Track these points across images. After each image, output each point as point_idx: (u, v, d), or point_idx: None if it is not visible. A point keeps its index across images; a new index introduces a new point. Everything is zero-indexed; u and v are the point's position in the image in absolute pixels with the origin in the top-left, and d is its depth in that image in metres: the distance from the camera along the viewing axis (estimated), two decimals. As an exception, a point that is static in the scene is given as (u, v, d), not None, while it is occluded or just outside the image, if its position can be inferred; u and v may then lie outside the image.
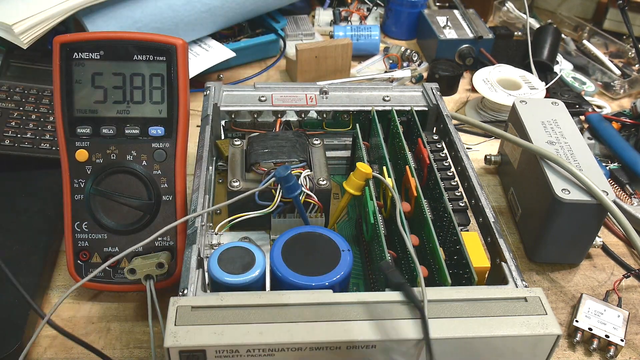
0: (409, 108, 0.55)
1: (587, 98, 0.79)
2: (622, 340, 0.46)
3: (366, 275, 0.48)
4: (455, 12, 0.91)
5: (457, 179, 0.48)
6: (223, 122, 0.56)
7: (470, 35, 0.84)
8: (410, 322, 0.34)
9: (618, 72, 0.84)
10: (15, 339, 0.42)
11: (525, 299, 0.36)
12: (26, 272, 0.47)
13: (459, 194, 0.46)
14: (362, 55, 0.86)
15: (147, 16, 0.69)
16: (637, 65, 0.86)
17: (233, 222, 0.46)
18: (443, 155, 0.51)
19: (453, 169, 0.50)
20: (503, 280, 0.38)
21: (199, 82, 0.73)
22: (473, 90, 0.78)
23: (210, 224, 0.48)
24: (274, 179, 0.44)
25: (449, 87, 0.80)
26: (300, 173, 0.47)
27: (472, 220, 0.46)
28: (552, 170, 0.51)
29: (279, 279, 0.39)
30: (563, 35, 0.90)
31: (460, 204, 0.45)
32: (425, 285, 0.35)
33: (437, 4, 0.99)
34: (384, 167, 0.47)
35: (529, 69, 0.79)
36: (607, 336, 0.46)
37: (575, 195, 0.48)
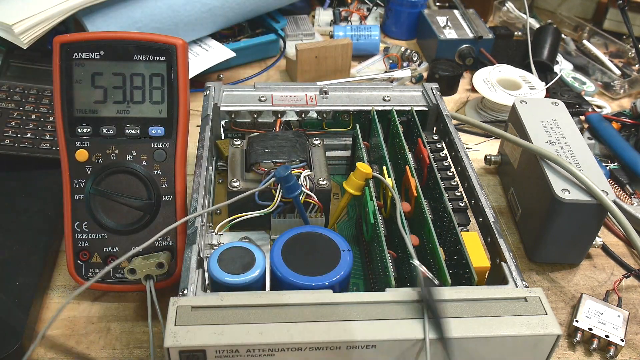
0: (409, 108, 0.55)
1: (587, 98, 0.79)
2: (622, 340, 0.46)
3: (366, 275, 0.48)
4: (455, 12, 0.91)
5: (457, 179, 0.48)
6: (223, 122, 0.56)
7: (470, 35, 0.84)
8: (410, 322, 0.34)
9: (618, 72, 0.84)
10: (15, 339, 0.42)
11: (525, 299, 0.36)
12: (26, 272, 0.47)
13: (459, 194, 0.46)
14: (362, 55, 0.86)
15: (147, 16, 0.69)
16: (637, 65, 0.86)
17: (233, 222, 0.46)
18: (443, 155, 0.51)
19: (453, 169, 0.50)
20: (503, 280, 0.38)
21: (199, 82, 0.73)
22: (473, 90, 0.78)
23: (210, 224, 0.48)
24: (274, 179, 0.44)
25: (449, 87, 0.80)
26: (300, 173, 0.47)
27: (472, 220, 0.46)
28: (552, 170, 0.51)
29: (279, 279, 0.39)
30: (563, 35, 0.90)
31: (460, 204, 0.45)
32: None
33: (437, 4, 0.99)
34: (384, 167, 0.47)
35: (529, 69, 0.79)
36: (607, 336, 0.46)
37: (575, 195, 0.48)
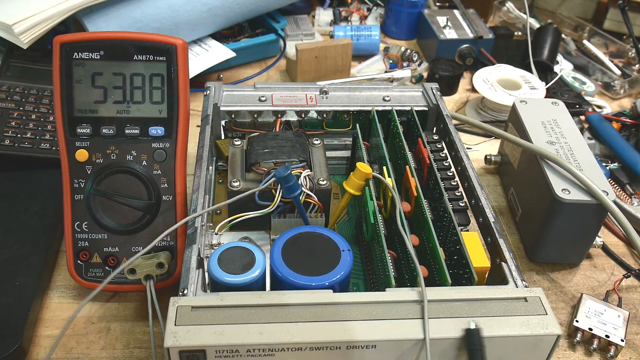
0: (409, 108, 0.55)
1: (587, 98, 0.79)
2: (622, 340, 0.46)
3: (366, 275, 0.48)
4: (455, 12, 0.91)
5: (457, 179, 0.48)
6: (223, 122, 0.56)
7: (470, 35, 0.84)
8: (410, 322, 0.34)
9: (618, 72, 0.84)
10: (15, 339, 0.42)
11: (525, 299, 0.36)
12: (26, 272, 0.47)
13: (459, 194, 0.46)
14: (362, 55, 0.86)
15: (147, 16, 0.69)
16: (637, 65, 0.86)
17: (233, 222, 0.46)
18: (443, 155, 0.51)
19: (453, 169, 0.50)
20: (503, 280, 0.38)
21: (199, 82, 0.73)
22: (473, 90, 0.78)
23: (210, 224, 0.48)
24: (274, 179, 0.44)
25: (449, 87, 0.80)
26: (300, 173, 0.47)
27: (472, 220, 0.46)
28: (552, 170, 0.51)
29: (279, 279, 0.39)
30: (563, 35, 0.90)
31: (460, 204, 0.45)
32: (425, 285, 0.35)
33: (437, 4, 0.99)
34: (384, 167, 0.47)
35: (529, 69, 0.79)
36: (607, 336, 0.46)
37: (575, 195, 0.48)
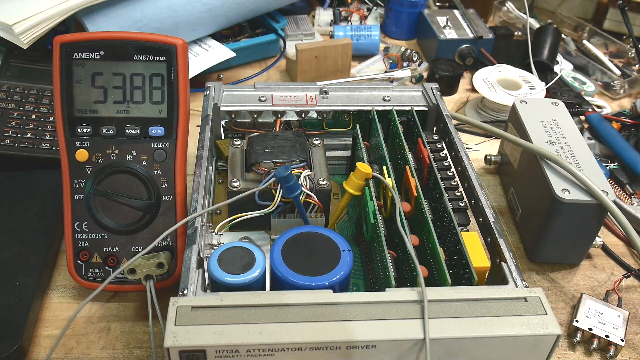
0: (409, 108, 0.55)
1: (587, 98, 0.79)
2: (622, 340, 0.46)
3: (366, 275, 0.48)
4: (455, 12, 0.91)
5: (457, 179, 0.48)
6: (223, 122, 0.56)
7: (470, 35, 0.84)
8: (410, 322, 0.34)
9: (618, 72, 0.84)
10: (15, 339, 0.42)
11: (525, 299, 0.36)
12: (26, 272, 0.47)
13: (459, 194, 0.46)
14: (362, 55, 0.86)
15: (147, 16, 0.69)
16: (637, 65, 0.86)
17: (233, 222, 0.46)
18: (443, 155, 0.51)
19: (453, 169, 0.50)
20: (503, 280, 0.38)
21: (199, 82, 0.73)
22: (473, 90, 0.78)
23: (210, 224, 0.48)
24: (274, 179, 0.44)
25: (449, 87, 0.80)
26: (300, 173, 0.47)
27: (472, 220, 0.46)
28: (552, 170, 0.51)
29: (279, 279, 0.39)
30: (563, 35, 0.90)
31: (460, 204, 0.45)
32: (425, 285, 0.35)
33: (437, 4, 0.99)
34: (384, 167, 0.47)
35: (529, 69, 0.79)
36: (607, 336, 0.46)
37: (575, 195, 0.48)
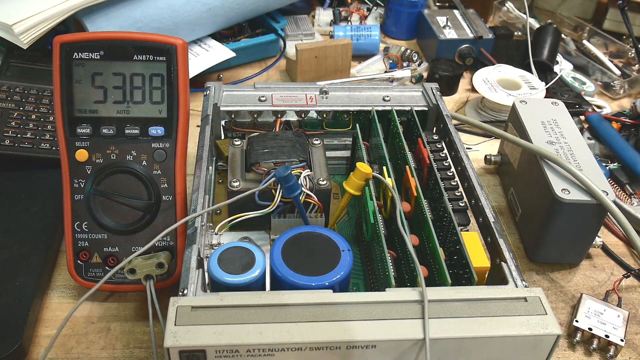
0: (409, 108, 0.55)
1: (587, 98, 0.79)
2: (622, 340, 0.46)
3: (366, 275, 0.48)
4: (455, 12, 0.91)
5: (457, 179, 0.48)
6: (223, 122, 0.56)
7: (470, 35, 0.84)
8: (410, 322, 0.34)
9: (618, 72, 0.84)
10: (15, 339, 0.42)
11: (525, 299, 0.36)
12: (26, 272, 0.47)
13: (459, 194, 0.46)
14: (362, 55, 0.86)
15: (147, 16, 0.69)
16: (637, 65, 0.86)
17: (233, 222, 0.46)
18: (443, 155, 0.51)
19: (453, 169, 0.50)
20: (503, 280, 0.38)
21: (199, 82, 0.73)
22: (473, 90, 0.78)
23: (210, 224, 0.48)
24: (274, 179, 0.44)
25: (449, 87, 0.80)
26: (300, 173, 0.47)
27: (472, 220, 0.46)
28: (552, 170, 0.51)
29: (279, 279, 0.39)
30: (563, 35, 0.90)
31: (460, 204, 0.45)
32: (425, 285, 0.35)
33: (437, 4, 0.99)
34: (384, 167, 0.47)
35: (529, 69, 0.79)
36: (607, 336, 0.46)
37: (575, 195, 0.48)
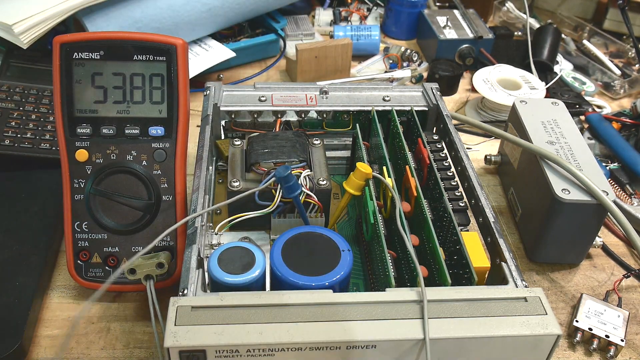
0: (409, 108, 0.55)
1: (587, 98, 0.79)
2: (622, 340, 0.46)
3: (366, 275, 0.48)
4: (455, 12, 0.91)
5: (457, 179, 0.48)
6: (223, 122, 0.56)
7: (470, 35, 0.84)
8: (410, 322, 0.34)
9: (618, 72, 0.84)
10: (15, 339, 0.42)
11: (525, 299, 0.36)
12: (26, 272, 0.47)
13: (459, 194, 0.46)
14: (362, 55, 0.86)
15: (147, 16, 0.69)
16: (637, 65, 0.86)
17: (233, 222, 0.46)
18: (443, 155, 0.51)
19: (453, 169, 0.50)
20: (503, 280, 0.38)
21: (199, 82, 0.73)
22: (473, 90, 0.78)
23: (210, 224, 0.48)
24: (274, 179, 0.44)
25: (449, 87, 0.80)
26: (300, 173, 0.47)
27: (472, 220, 0.46)
28: (552, 170, 0.51)
29: (279, 279, 0.39)
30: (563, 35, 0.90)
31: (460, 204, 0.45)
32: (425, 285, 0.35)
33: (437, 4, 0.99)
34: (384, 167, 0.47)
35: (529, 69, 0.79)
36: (607, 336, 0.46)
37: (575, 195, 0.48)
